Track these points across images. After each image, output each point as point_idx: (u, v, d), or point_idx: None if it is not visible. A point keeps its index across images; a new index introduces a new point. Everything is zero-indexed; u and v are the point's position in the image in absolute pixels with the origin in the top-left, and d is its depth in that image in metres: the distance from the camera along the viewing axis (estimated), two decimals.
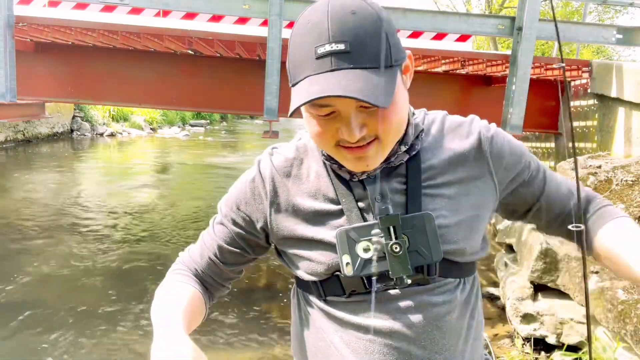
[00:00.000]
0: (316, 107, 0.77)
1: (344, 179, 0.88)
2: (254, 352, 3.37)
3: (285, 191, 0.91)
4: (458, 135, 0.90)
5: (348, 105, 0.75)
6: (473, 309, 0.92)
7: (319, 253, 0.88)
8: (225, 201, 0.97)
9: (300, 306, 0.99)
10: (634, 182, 3.18)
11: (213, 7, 4.41)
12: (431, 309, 0.85)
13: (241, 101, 5.66)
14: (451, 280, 0.88)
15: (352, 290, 0.86)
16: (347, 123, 0.76)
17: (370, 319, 0.86)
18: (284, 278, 4.65)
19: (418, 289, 0.85)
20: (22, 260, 4.74)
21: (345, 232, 0.83)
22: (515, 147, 0.92)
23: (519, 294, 3.30)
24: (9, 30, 4.30)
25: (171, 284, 0.95)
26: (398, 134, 0.82)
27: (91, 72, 5.65)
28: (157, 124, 18.03)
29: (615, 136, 4.57)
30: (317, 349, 0.93)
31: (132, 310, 3.85)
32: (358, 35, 0.72)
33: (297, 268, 0.93)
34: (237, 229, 0.95)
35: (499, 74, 5.43)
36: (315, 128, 0.79)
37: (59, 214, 6.44)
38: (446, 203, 0.86)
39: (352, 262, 0.82)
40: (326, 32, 0.72)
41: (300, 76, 0.76)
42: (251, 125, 25.56)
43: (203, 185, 9.38)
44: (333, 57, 0.72)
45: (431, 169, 0.87)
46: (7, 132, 11.80)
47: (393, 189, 0.86)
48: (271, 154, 0.94)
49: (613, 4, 6.49)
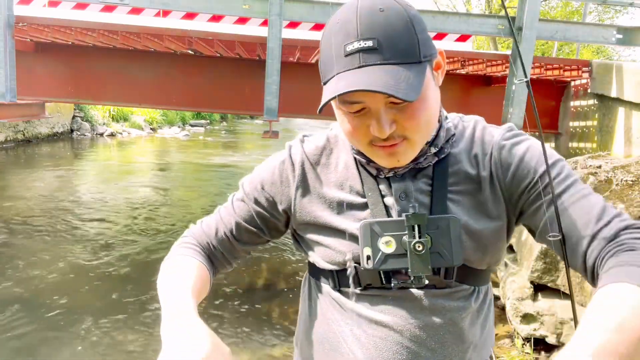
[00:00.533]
0: (346, 104, 0.78)
1: (371, 175, 0.89)
2: (253, 352, 3.37)
3: (313, 178, 0.92)
4: (484, 143, 0.89)
5: (377, 102, 0.76)
6: (485, 318, 0.93)
7: (339, 242, 0.88)
8: (250, 180, 0.97)
9: (312, 295, 0.99)
10: (634, 182, 3.18)
11: (213, 7, 4.41)
12: (445, 313, 0.86)
13: (241, 101, 5.66)
14: (466, 287, 0.88)
15: (368, 284, 0.87)
16: (377, 119, 0.77)
17: (383, 315, 0.86)
18: (285, 277, 4.65)
19: (435, 292, 0.86)
20: (22, 260, 4.73)
21: (370, 225, 0.83)
22: (534, 155, 0.85)
23: (519, 294, 3.30)
24: (9, 30, 4.30)
25: (179, 257, 0.93)
26: (427, 132, 0.82)
27: (91, 72, 5.65)
28: (157, 124, 18.03)
29: (615, 136, 4.56)
30: (325, 339, 0.94)
31: (132, 310, 3.85)
32: (386, 31, 0.73)
33: (314, 254, 0.93)
34: (258, 209, 0.95)
35: (499, 74, 5.43)
36: (348, 126, 0.81)
37: (59, 213, 6.44)
38: (468, 210, 0.86)
39: (372, 256, 0.82)
40: (354, 30, 0.73)
41: (330, 74, 0.77)
42: (251, 125, 25.56)
43: (203, 185, 9.38)
44: (361, 53, 0.73)
45: (457, 175, 0.87)
46: (7, 132, 11.80)
47: (418, 189, 0.87)
48: (302, 140, 0.96)
49: (613, 4, 6.49)
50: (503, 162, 0.86)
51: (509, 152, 0.87)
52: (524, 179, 0.85)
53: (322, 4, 4.31)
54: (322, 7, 4.30)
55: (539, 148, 0.86)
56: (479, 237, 0.86)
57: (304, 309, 1.02)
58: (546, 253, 3.23)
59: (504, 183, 0.86)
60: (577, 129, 5.40)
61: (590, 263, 0.78)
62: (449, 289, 0.86)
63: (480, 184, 0.87)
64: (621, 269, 0.70)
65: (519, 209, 0.87)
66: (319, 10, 4.31)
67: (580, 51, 10.72)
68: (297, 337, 1.05)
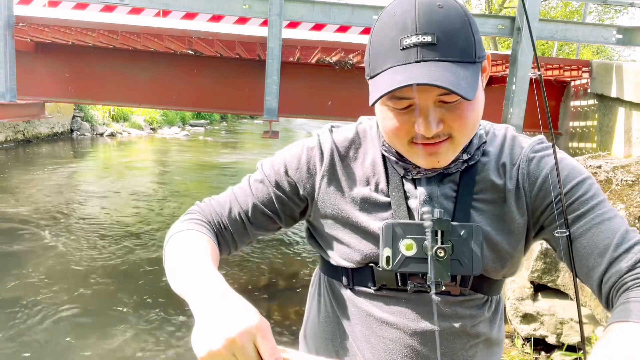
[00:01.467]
0: (395, 100, 0.75)
1: (398, 175, 0.87)
2: None
3: (340, 169, 0.90)
4: (513, 154, 0.87)
5: (428, 99, 0.74)
6: (496, 327, 0.93)
7: (358, 240, 0.87)
8: (272, 162, 0.93)
9: (322, 292, 0.97)
10: (634, 182, 3.18)
11: (213, 7, 4.41)
12: (457, 320, 0.86)
13: (241, 101, 5.66)
14: (480, 296, 0.88)
15: (383, 284, 0.86)
16: (425, 116, 0.75)
17: (394, 317, 0.86)
18: (285, 278, 4.65)
19: (448, 299, 0.85)
20: (22, 259, 4.73)
21: (392, 225, 0.82)
22: (562, 171, 0.82)
23: (519, 294, 3.30)
24: (9, 30, 4.30)
25: (189, 232, 0.85)
26: (472, 134, 0.80)
27: (91, 72, 5.66)
28: (157, 124, 18.03)
29: (615, 136, 4.56)
30: (334, 337, 0.93)
31: (131, 310, 3.85)
32: (445, 28, 0.71)
33: (331, 250, 0.91)
34: (278, 192, 0.91)
35: (499, 74, 5.43)
36: (391, 122, 0.78)
37: (59, 213, 6.44)
38: (491, 220, 0.85)
39: (392, 257, 0.81)
40: (413, 24, 0.71)
41: (383, 67, 0.74)
42: (251, 125, 25.56)
43: (203, 184, 9.37)
44: (419, 48, 0.71)
45: (483, 183, 0.86)
46: (7, 132, 11.80)
47: (443, 194, 0.85)
48: (331, 130, 0.93)
49: (613, 4, 6.49)
50: (531, 175, 0.85)
51: (537, 165, 0.85)
52: (549, 194, 0.83)
53: (322, 4, 4.32)
54: (322, 7, 4.30)
55: (570, 163, 0.84)
56: (499, 249, 0.85)
57: (313, 305, 1.00)
58: (546, 253, 3.23)
59: (530, 197, 0.85)
60: (577, 129, 5.40)
61: (606, 290, 0.78)
62: (463, 297, 0.86)
63: (505, 195, 0.85)
64: (634, 305, 0.71)
65: (540, 224, 0.86)
66: (319, 10, 4.31)
67: (580, 51, 10.72)
68: (304, 332, 1.04)
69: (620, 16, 20.58)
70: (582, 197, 0.81)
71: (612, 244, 0.77)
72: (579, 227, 0.80)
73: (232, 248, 0.95)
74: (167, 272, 0.81)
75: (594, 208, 0.80)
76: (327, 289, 0.95)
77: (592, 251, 0.79)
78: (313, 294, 1.02)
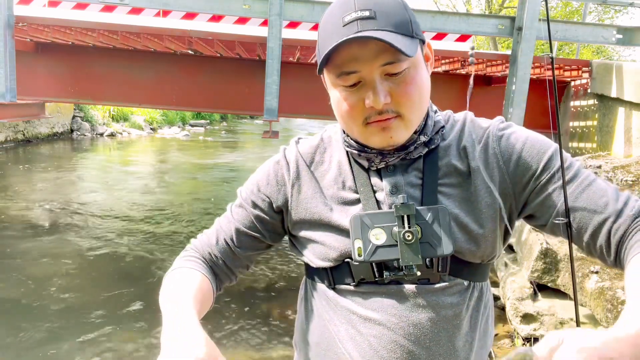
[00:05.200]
0: (343, 76, 0.81)
1: (364, 171, 0.90)
2: (253, 353, 3.37)
3: (308, 176, 0.94)
4: (475, 136, 0.90)
5: (373, 70, 0.79)
6: (482, 317, 0.92)
7: (332, 238, 0.89)
8: (246, 186, 0.99)
9: (308, 296, 0.99)
10: (634, 182, 3.18)
11: (213, 7, 4.41)
12: (439, 310, 0.85)
13: (241, 101, 5.66)
14: (461, 281, 0.88)
15: (362, 278, 0.87)
16: (372, 88, 0.80)
17: (376, 313, 0.86)
18: (285, 278, 4.65)
19: (428, 288, 0.85)
20: (22, 259, 4.74)
21: (360, 217, 0.84)
22: (535, 145, 0.87)
23: (519, 294, 3.30)
24: (9, 30, 4.30)
25: (180, 270, 0.93)
26: (419, 112, 0.84)
27: (91, 72, 5.66)
28: (157, 124, 18.04)
29: (615, 136, 4.57)
30: (321, 340, 0.94)
31: (131, 310, 3.85)
32: (381, 5, 0.79)
33: (309, 253, 0.94)
34: (256, 212, 0.96)
35: (499, 74, 5.43)
36: (344, 104, 0.83)
37: (59, 213, 6.44)
38: (459, 202, 0.87)
39: (363, 247, 0.83)
40: (352, 3, 0.79)
41: (328, 47, 0.79)
42: (251, 125, 25.56)
43: (203, 184, 9.37)
44: (359, 22, 0.77)
45: (446, 167, 0.88)
46: (7, 132, 11.80)
47: (409, 182, 0.88)
48: (297, 142, 0.99)
49: (613, 4, 6.49)
50: (504, 152, 0.87)
51: (507, 142, 0.88)
52: (527, 170, 0.86)
53: (322, 4, 4.32)
54: (322, 7, 4.30)
55: (537, 136, 0.88)
56: (470, 229, 0.86)
57: (301, 310, 1.02)
58: (546, 253, 3.24)
59: (508, 174, 0.87)
60: (577, 129, 5.40)
61: (616, 240, 0.80)
62: (443, 284, 0.86)
63: (470, 176, 0.87)
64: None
65: (522, 201, 0.88)
66: (319, 10, 4.31)
67: (580, 51, 10.72)
68: (296, 338, 1.06)
69: (620, 16, 20.59)
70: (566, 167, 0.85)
71: (610, 199, 0.81)
72: (570, 193, 0.83)
73: (231, 276, 1.01)
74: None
75: (578, 173, 0.85)
76: (312, 293, 0.97)
77: (594, 210, 0.82)
78: (301, 299, 1.03)
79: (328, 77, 0.86)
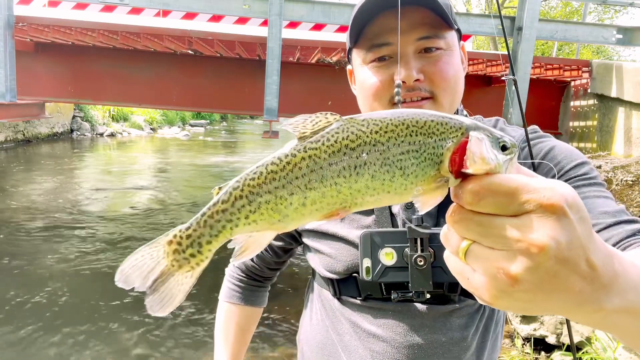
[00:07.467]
0: (374, 50, 0.76)
1: None
2: (254, 352, 3.36)
3: None
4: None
5: (408, 42, 0.74)
6: (492, 334, 0.88)
7: (340, 251, 0.86)
8: None
9: (313, 300, 0.98)
10: (634, 182, 3.18)
11: (213, 7, 4.41)
12: (447, 332, 0.82)
13: (241, 101, 5.65)
14: (472, 302, 0.84)
15: (368, 294, 0.84)
16: (405, 62, 0.75)
17: (381, 329, 0.83)
18: (286, 279, 4.65)
19: (438, 308, 0.82)
20: (22, 259, 4.73)
21: (370, 235, 0.80)
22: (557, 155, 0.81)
23: None
24: (9, 30, 4.30)
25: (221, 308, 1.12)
26: (454, 95, 0.79)
27: (91, 72, 5.65)
28: (157, 124, 18.04)
29: (615, 136, 4.56)
30: (324, 345, 0.93)
31: (131, 309, 3.85)
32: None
33: (316, 262, 0.92)
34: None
35: (499, 73, 5.43)
36: (371, 81, 0.78)
37: (59, 213, 6.43)
38: None
39: (372, 267, 0.79)
40: None
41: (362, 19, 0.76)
42: (251, 125, 25.56)
43: (203, 184, 9.37)
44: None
45: None
46: (7, 132, 11.80)
47: None
48: None
49: (613, 4, 6.49)
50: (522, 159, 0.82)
51: (539, 151, 0.82)
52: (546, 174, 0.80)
53: (322, 4, 4.31)
54: (322, 7, 4.30)
55: (568, 147, 0.82)
56: None
57: (306, 312, 1.01)
58: None
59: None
60: (577, 129, 5.40)
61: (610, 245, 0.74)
62: (453, 305, 0.82)
63: None
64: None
65: None
66: (319, 10, 4.31)
67: (580, 51, 10.71)
68: (299, 337, 1.05)
69: (620, 16, 20.59)
70: (585, 175, 0.78)
71: (614, 213, 0.75)
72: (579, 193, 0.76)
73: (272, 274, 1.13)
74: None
75: (595, 185, 0.78)
76: (318, 298, 0.96)
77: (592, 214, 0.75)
78: (306, 301, 1.03)
79: (358, 54, 0.80)
